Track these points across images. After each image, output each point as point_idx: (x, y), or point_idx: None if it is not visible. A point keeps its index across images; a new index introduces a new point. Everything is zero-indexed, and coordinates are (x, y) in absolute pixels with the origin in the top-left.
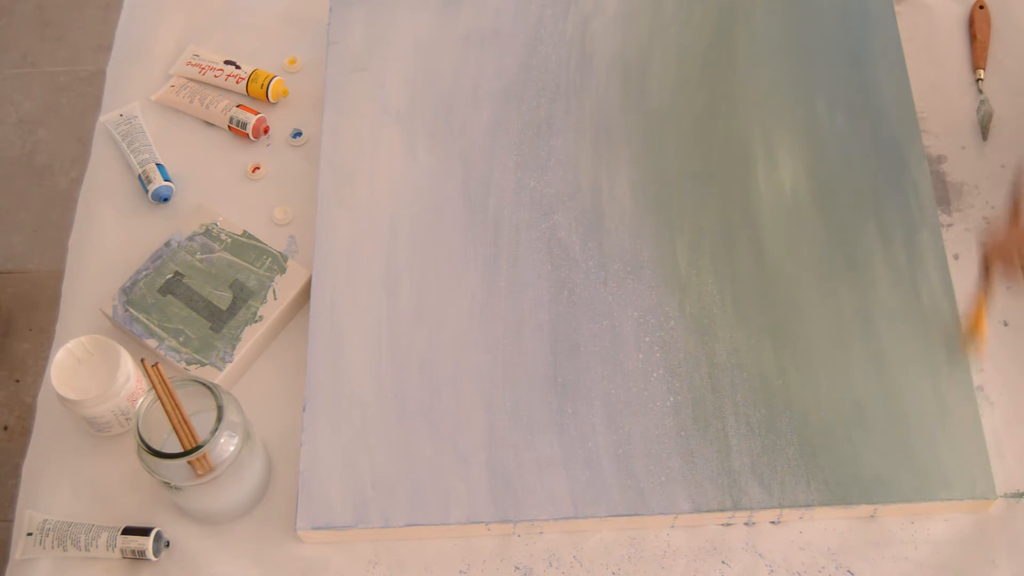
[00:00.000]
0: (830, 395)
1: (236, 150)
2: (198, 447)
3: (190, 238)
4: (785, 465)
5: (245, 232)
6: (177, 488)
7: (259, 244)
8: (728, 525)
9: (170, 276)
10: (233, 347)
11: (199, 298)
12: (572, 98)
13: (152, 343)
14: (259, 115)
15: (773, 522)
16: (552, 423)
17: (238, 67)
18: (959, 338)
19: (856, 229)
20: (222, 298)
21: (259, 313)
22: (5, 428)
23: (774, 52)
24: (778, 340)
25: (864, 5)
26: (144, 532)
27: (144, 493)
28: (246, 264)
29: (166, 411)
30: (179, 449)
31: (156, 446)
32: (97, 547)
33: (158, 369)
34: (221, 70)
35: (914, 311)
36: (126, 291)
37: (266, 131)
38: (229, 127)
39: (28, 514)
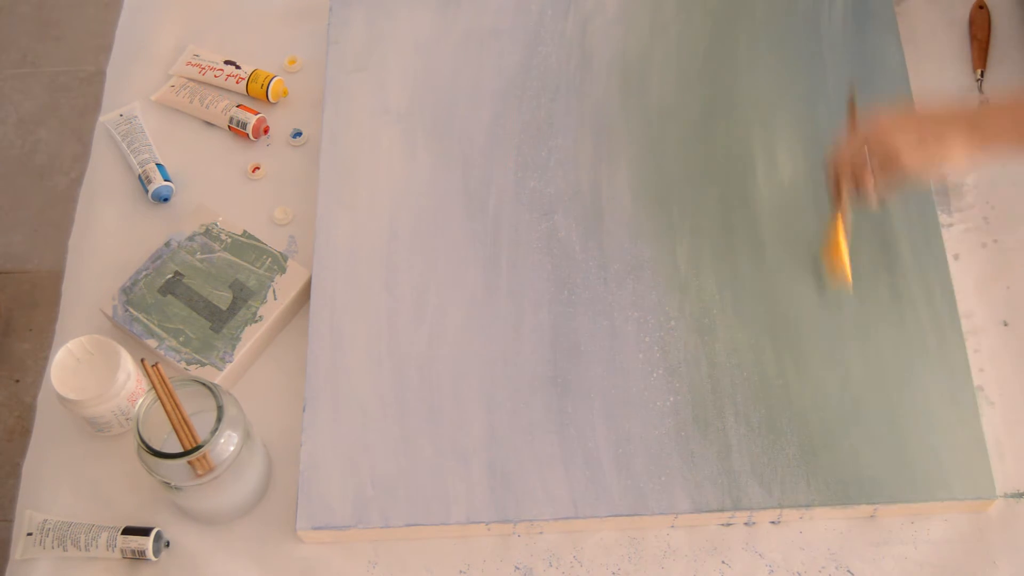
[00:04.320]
0: (830, 395)
1: (236, 150)
2: (198, 447)
3: (190, 238)
4: (785, 465)
5: (245, 232)
6: (177, 488)
7: (259, 244)
8: (728, 525)
9: (170, 276)
10: (233, 347)
11: (199, 298)
12: (572, 98)
13: (152, 343)
14: (259, 115)
15: (773, 522)
16: (552, 423)
17: (238, 67)
18: (823, 267)
19: (855, 229)
20: (222, 298)
21: (259, 313)
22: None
23: (774, 52)
24: (778, 340)
25: (864, 5)
26: (144, 532)
27: (144, 493)
28: (246, 264)
29: (166, 411)
30: (179, 449)
31: (156, 446)
32: (97, 547)
33: (158, 369)
34: (221, 70)
35: (914, 311)
36: (126, 291)
37: (266, 131)
38: (229, 127)
39: (28, 514)
